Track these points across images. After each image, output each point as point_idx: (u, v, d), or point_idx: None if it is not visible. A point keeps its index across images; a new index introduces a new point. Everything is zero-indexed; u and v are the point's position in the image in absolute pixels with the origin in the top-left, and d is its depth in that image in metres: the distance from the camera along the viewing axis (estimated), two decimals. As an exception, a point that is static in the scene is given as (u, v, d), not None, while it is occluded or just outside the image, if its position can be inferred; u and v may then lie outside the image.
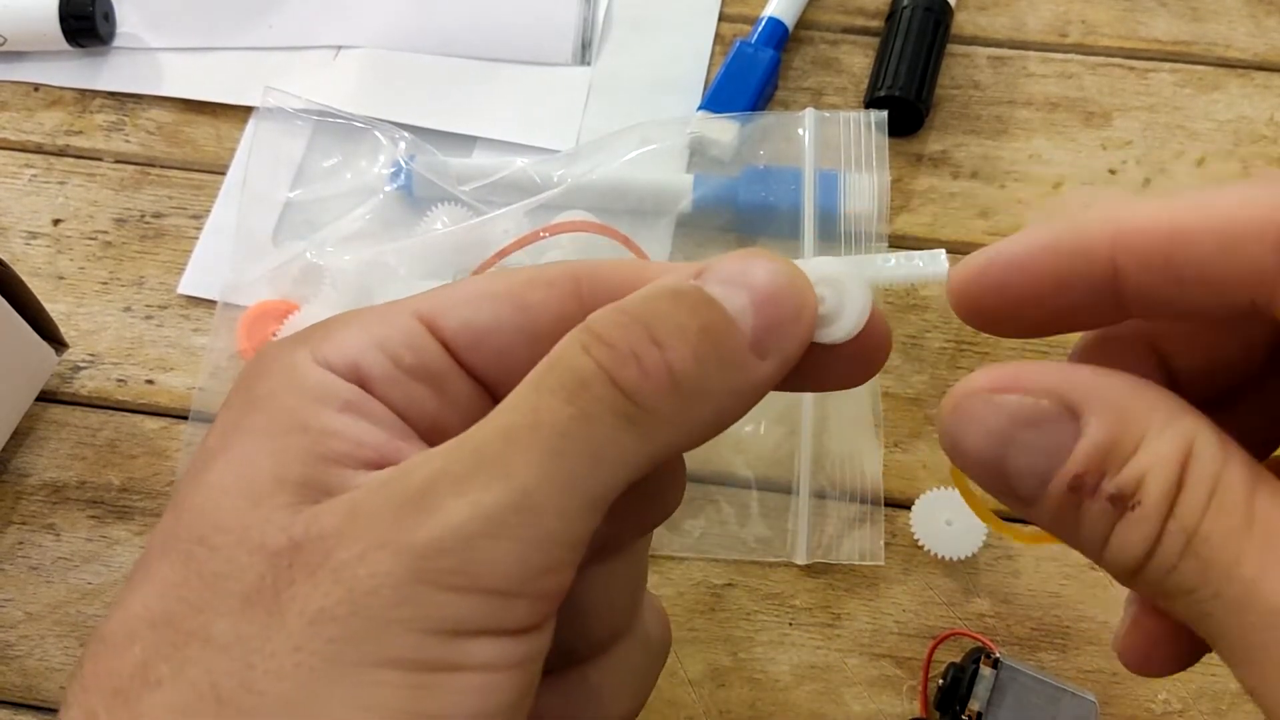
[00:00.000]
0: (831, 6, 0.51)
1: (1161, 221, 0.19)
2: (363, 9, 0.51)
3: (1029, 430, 0.19)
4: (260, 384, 0.22)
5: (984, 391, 0.20)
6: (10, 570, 0.39)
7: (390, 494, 0.19)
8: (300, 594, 0.19)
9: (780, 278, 0.22)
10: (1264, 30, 0.49)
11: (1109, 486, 0.18)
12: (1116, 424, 0.19)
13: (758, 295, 0.21)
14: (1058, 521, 0.20)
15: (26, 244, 0.46)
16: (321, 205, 0.46)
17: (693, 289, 0.21)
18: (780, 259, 0.22)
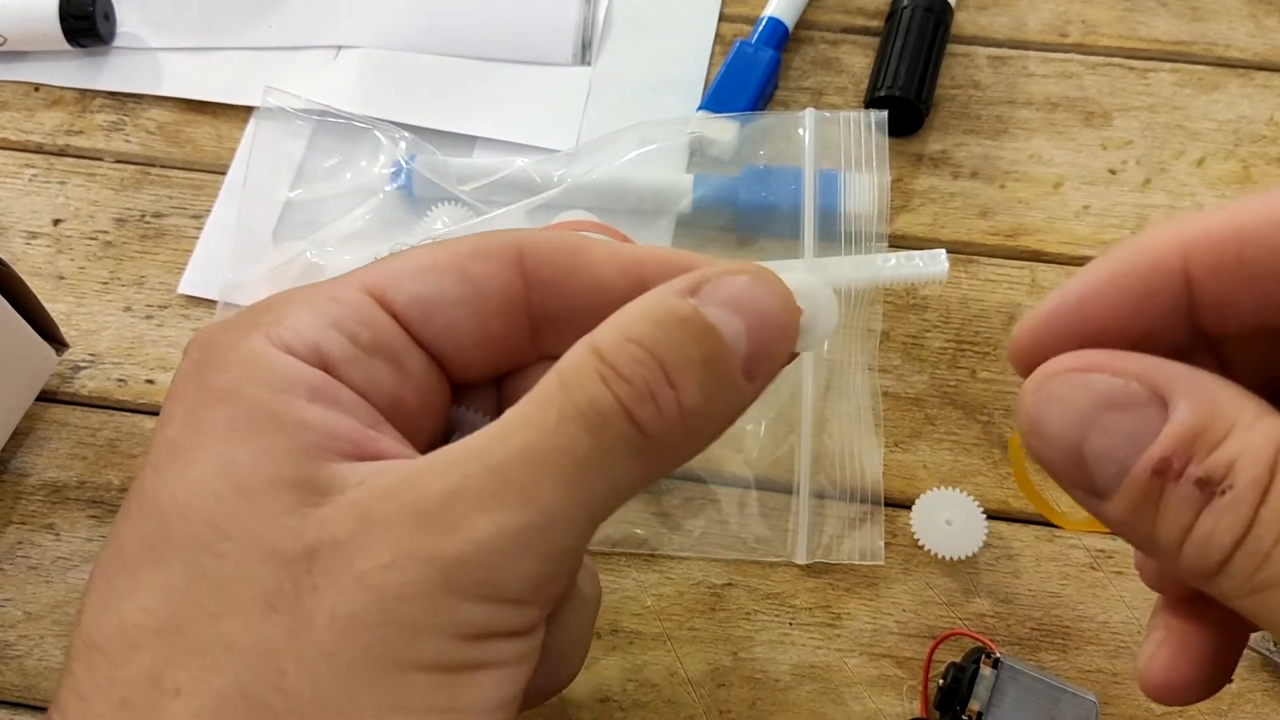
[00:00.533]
0: (831, 6, 0.51)
1: (1228, 223, 0.19)
2: (363, 9, 0.51)
3: (1115, 412, 0.19)
4: (217, 374, 0.22)
5: (1070, 371, 0.19)
6: (10, 570, 0.39)
7: (406, 504, 0.20)
8: (326, 599, 0.19)
9: (774, 302, 0.22)
10: (1264, 30, 0.49)
11: (1197, 470, 0.18)
12: (1206, 411, 0.18)
13: (751, 320, 0.22)
14: (1135, 512, 0.19)
15: (26, 244, 0.46)
16: (321, 205, 0.46)
17: (695, 316, 0.21)
18: (769, 276, 0.22)
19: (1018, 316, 0.43)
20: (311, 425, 0.21)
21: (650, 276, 0.24)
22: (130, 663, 0.19)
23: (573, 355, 0.21)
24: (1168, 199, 0.45)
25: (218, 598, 0.19)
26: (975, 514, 0.38)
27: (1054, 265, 0.44)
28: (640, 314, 0.21)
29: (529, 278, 0.24)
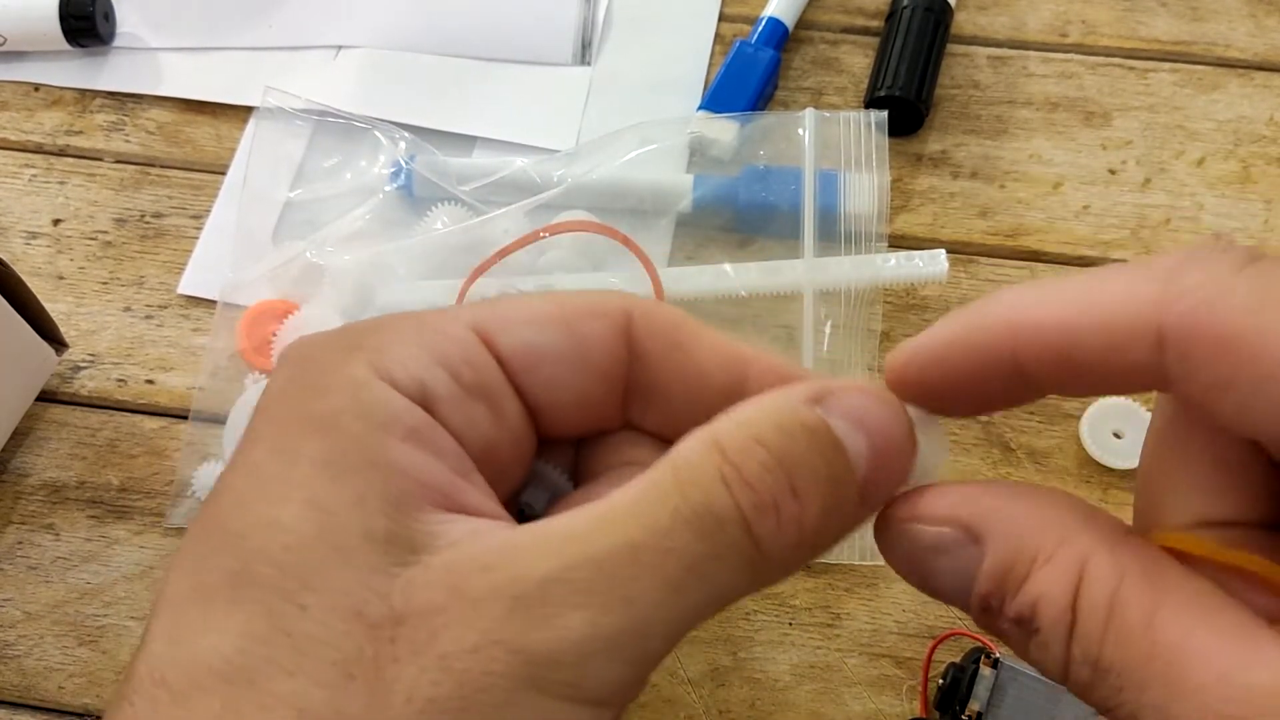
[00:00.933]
0: (831, 6, 0.51)
1: (1053, 317, 0.20)
2: (363, 9, 0.51)
3: (939, 556, 0.20)
4: (315, 399, 0.21)
5: (898, 522, 0.21)
6: (9, 570, 0.39)
7: (500, 584, 0.19)
8: (405, 675, 0.18)
9: (897, 428, 0.21)
10: (1264, 30, 0.49)
11: (1010, 611, 0.19)
12: (1011, 549, 0.19)
13: (875, 444, 0.21)
14: (990, 628, 0.20)
15: (26, 244, 0.46)
16: (321, 205, 0.46)
17: (824, 428, 0.20)
18: (891, 397, 0.22)
19: (1018, 316, 0.43)
20: (407, 471, 0.20)
21: (752, 380, 0.23)
22: (196, 707, 0.18)
23: (691, 448, 0.20)
24: (1167, 199, 0.45)
25: (295, 655, 0.18)
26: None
27: (1054, 265, 0.44)
28: (766, 416, 0.20)
29: (634, 346, 0.23)
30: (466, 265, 0.41)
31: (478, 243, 0.42)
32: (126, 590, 0.39)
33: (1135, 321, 0.19)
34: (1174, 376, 0.18)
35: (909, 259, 0.40)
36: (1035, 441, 0.40)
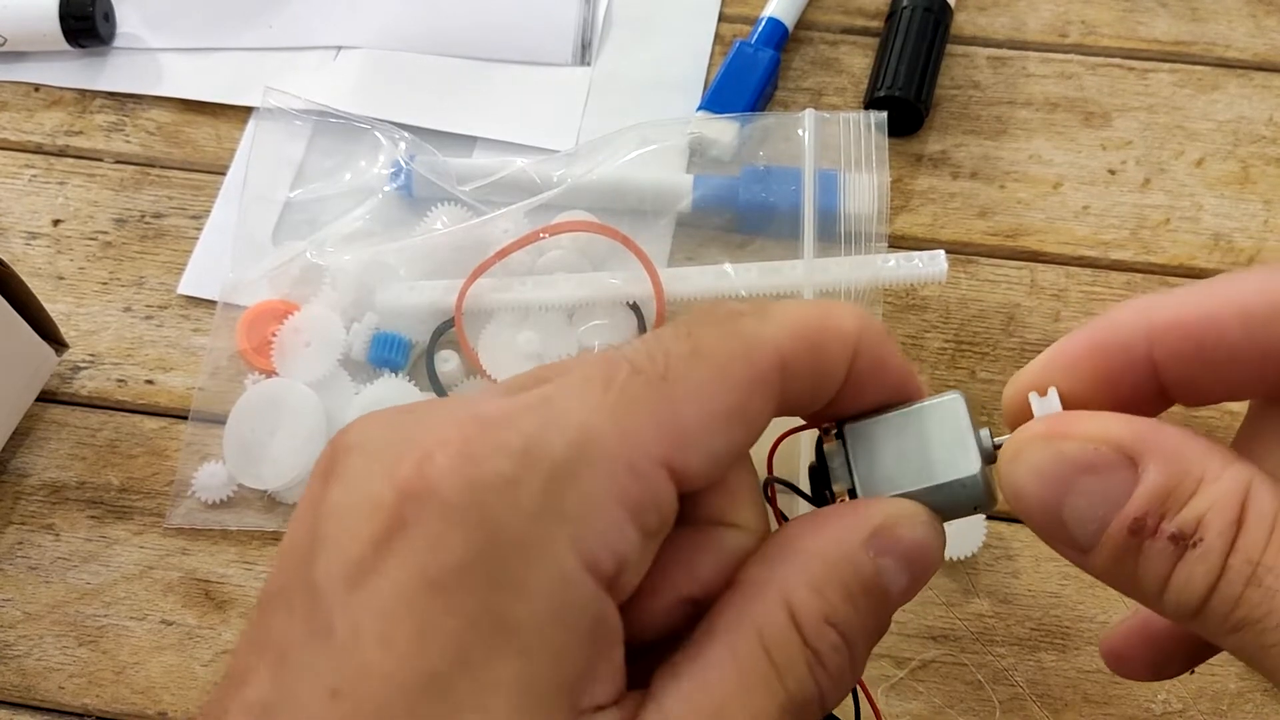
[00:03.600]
0: (831, 6, 0.51)
1: (1190, 311, 0.20)
2: (363, 9, 0.51)
3: (1088, 476, 0.20)
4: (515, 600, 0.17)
5: (1042, 438, 0.21)
6: (9, 570, 0.39)
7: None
8: None
9: (939, 556, 0.22)
10: (1264, 30, 0.49)
11: (1170, 527, 0.19)
12: (1175, 469, 0.19)
13: (916, 575, 0.21)
14: (1115, 566, 0.20)
15: (26, 244, 0.46)
16: (321, 205, 0.46)
17: (877, 583, 0.21)
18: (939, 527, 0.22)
19: (1017, 317, 0.43)
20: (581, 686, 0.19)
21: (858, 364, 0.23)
22: None
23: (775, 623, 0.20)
24: (1167, 199, 0.45)
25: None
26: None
27: (1053, 265, 0.44)
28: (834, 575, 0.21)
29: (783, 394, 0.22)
30: (466, 265, 0.41)
31: (478, 243, 0.42)
32: (126, 590, 0.39)
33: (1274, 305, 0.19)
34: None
35: (908, 259, 0.40)
36: (1035, 442, 0.40)
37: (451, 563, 0.17)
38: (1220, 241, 0.44)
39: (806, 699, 0.20)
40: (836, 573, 0.21)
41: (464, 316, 0.41)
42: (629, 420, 0.19)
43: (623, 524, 0.19)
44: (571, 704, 0.18)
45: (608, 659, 0.19)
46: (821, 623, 0.20)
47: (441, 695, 0.17)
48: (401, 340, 0.41)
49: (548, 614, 0.18)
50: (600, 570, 0.18)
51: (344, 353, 0.41)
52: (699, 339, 0.21)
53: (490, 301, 0.41)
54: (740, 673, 0.20)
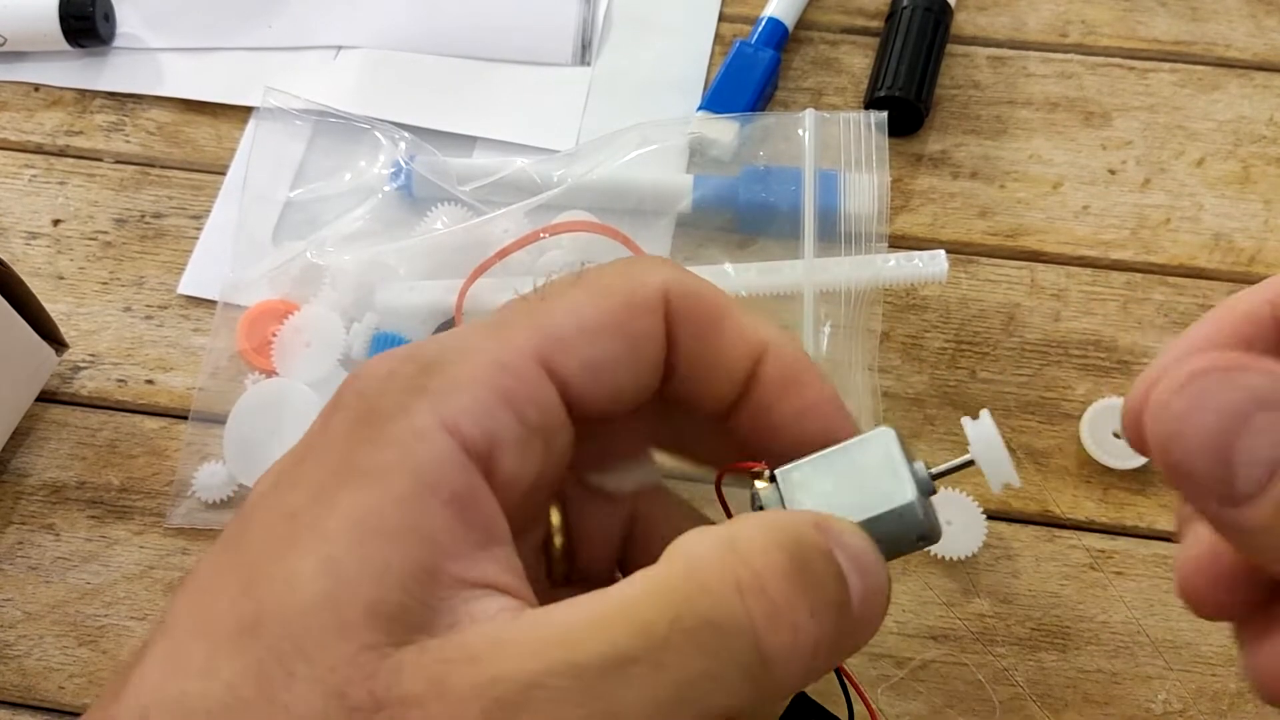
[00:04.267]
0: (831, 6, 0.51)
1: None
2: (363, 9, 0.51)
3: (1268, 413, 0.18)
4: (372, 450, 0.19)
5: (1221, 371, 0.18)
6: (9, 570, 0.39)
7: (481, 683, 0.18)
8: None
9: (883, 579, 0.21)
10: (1264, 30, 0.49)
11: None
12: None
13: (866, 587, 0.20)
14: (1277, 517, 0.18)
15: (26, 244, 0.46)
16: (321, 205, 0.46)
17: (831, 553, 0.20)
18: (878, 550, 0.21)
19: (1017, 317, 0.43)
20: (438, 541, 0.19)
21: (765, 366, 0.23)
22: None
23: (703, 545, 0.19)
24: (1167, 199, 0.45)
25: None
26: (975, 514, 0.38)
27: (1053, 265, 0.44)
28: (787, 530, 0.19)
29: (670, 325, 0.22)
30: (466, 265, 0.41)
31: (478, 243, 0.42)
32: (126, 590, 0.39)
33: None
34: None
35: (909, 259, 0.40)
36: (1035, 441, 0.40)
37: (332, 430, 0.20)
38: (1220, 241, 0.44)
39: (726, 625, 0.18)
40: (787, 528, 0.20)
41: (464, 316, 0.41)
42: (501, 329, 0.22)
43: (490, 404, 0.20)
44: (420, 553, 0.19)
45: (489, 547, 0.20)
46: (771, 547, 0.19)
47: (292, 523, 0.19)
48: (401, 340, 0.41)
49: (395, 459, 0.19)
50: (463, 435, 0.20)
51: (344, 353, 0.41)
52: (587, 272, 0.22)
53: (490, 301, 0.41)
54: (643, 583, 0.19)
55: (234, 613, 0.19)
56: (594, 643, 0.18)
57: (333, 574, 0.18)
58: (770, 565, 0.18)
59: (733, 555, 0.19)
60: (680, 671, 0.18)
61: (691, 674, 0.18)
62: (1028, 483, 0.40)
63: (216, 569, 0.20)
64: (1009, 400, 0.41)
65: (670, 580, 0.18)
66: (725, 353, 0.23)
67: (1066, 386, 0.41)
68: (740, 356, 0.23)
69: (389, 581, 0.18)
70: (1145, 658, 0.37)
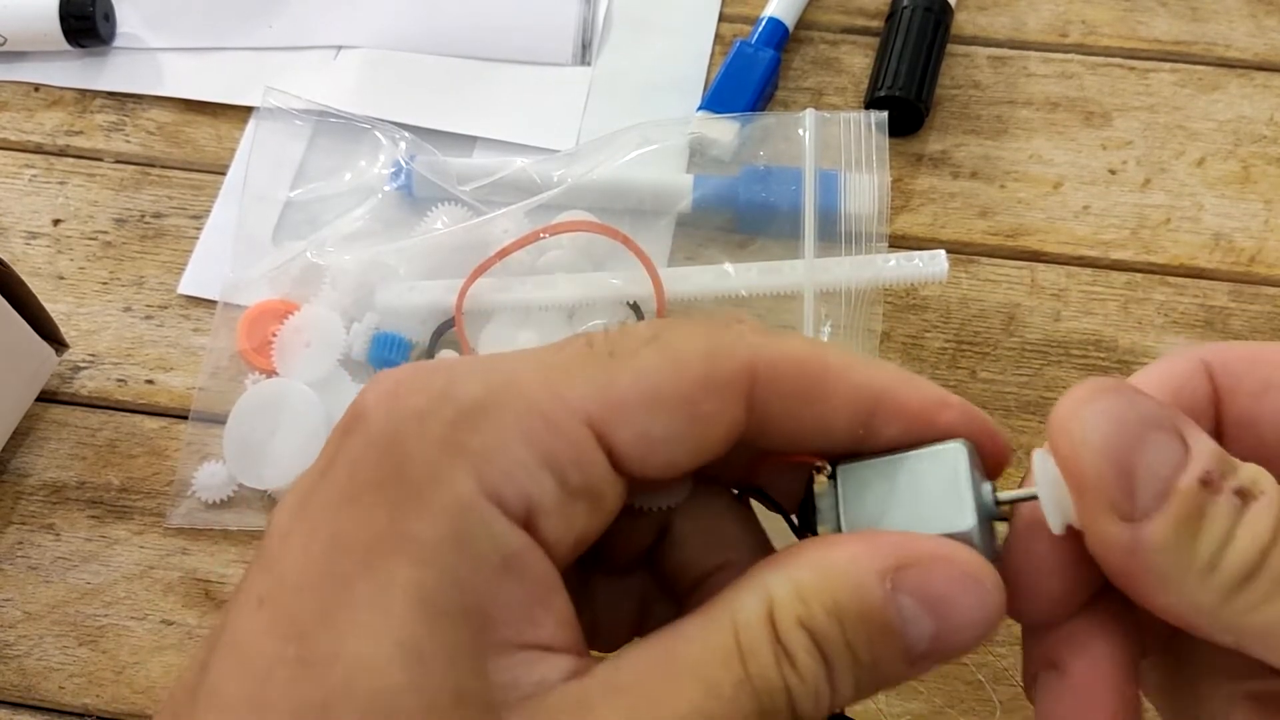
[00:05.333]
0: (831, 6, 0.51)
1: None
2: (363, 9, 0.51)
3: (1159, 433, 0.19)
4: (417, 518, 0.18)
5: (1117, 391, 0.20)
6: (9, 570, 0.39)
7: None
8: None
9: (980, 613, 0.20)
10: (1264, 30, 0.49)
11: (1234, 482, 0.19)
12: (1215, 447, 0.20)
13: (945, 627, 0.20)
14: (1178, 530, 0.19)
15: (27, 244, 0.46)
16: (321, 205, 0.46)
17: (882, 613, 0.19)
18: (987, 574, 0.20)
19: (1017, 317, 0.43)
20: (498, 616, 0.19)
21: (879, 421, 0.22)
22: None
23: (747, 610, 0.19)
24: (1167, 199, 0.45)
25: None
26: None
27: (1054, 265, 0.44)
28: (824, 587, 0.19)
29: (756, 405, 0.21)
30: (466, 265, 0.41)
31: (478, 243, 0.42)
32: (126, 590, 0.39)
33: None
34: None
35: (909, 259, 0.40)
36: (1035, 441, 0.40)
37: (365, 480, 0.19)
38: (1221, 241, 0.44)
39: (771, 692, 0.19)
40: (828, 584, 0.20)
41: (464, 316, 0.41)
42: (558, 377, 0.20)
43: (531, 466, 0.19)
44: (482, 629, 0.18)
45: (543, 603, 0.19)
46: (795, 624, 0.19)
47: (346, 593, 0.18)
48: (401, 340, 0.41)
49: (447, 532, 0.18)
50: (506, 505, 0.19)
51: (344, 353, 0.41)
52: (664, 330, 0.21)
53: (490, 301, 0.41)
54: (705, 645, 0.19)
55: (294, 697, 0.18)
56: (673, 701, 0.19)
57: (410, 660, 0.18)
58: (795, 640, 0.19)
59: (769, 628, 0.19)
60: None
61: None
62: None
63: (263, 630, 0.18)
64: (1009, 400, 0.41)
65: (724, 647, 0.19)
66: (833, 418, 0.22)
67: (1067, 386, 0.41)
68: (850, 417, 0.22)
69: (463, 667, 0.18)
70: (1145, 658, 0.37)
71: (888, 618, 0.19)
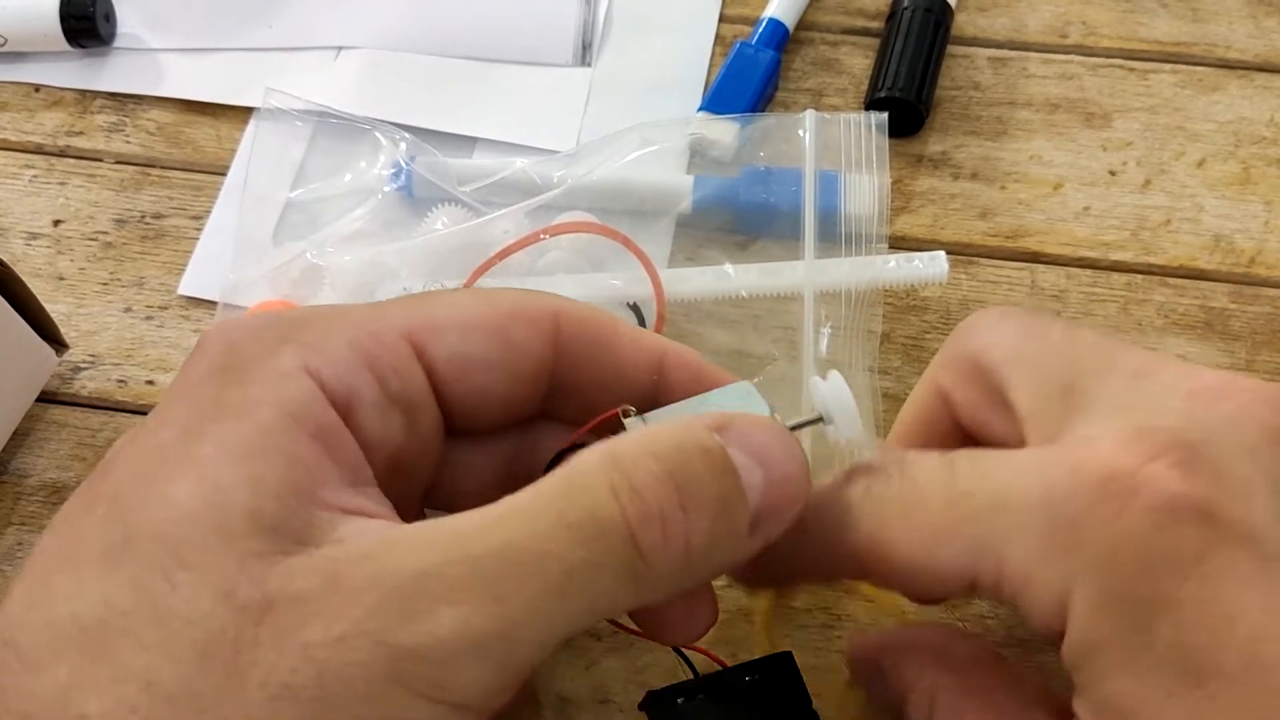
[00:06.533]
0: (831, 7, 0.51)
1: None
2: (363, 9, 0.51)
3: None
4: (236, 388, 0.20)
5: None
6: (9, 571, 0.39)
7: (375, 575, 0.18)
8: (264, 660, 0.18)
9: (794, 465, 0.22)
10: (1264, 31, 0.49)
11: None
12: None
13: (772, 475, 0.21)
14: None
15: (27, 244, 0.46)
16: (321, 205, 0.46)
17: (720, 451, 0.21)
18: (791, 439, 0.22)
19: (1018, 318, 0.43)
20: (309, 465, 0.20)
21: (667, 371, 0.24)
22: (44, 673, 0.18)
23: (586, 457, 0.20)
24: (1168, 200, 0.45)
25: (155, 630, 0.18)
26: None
27: (1054, 266, 0.44)
28: (665, 435, 0.20)
29: (560, 348, 0.24)
30: (467, 266, 0.41)
31: (478, 244, 0.42)
32: (127, 591, 0.39)
33: None
34: None
35: (909, 260, 0.40)
36: (1035, 443, 0.40)
37: (197, 377, 0.21)
38: (1221, 242, 0.44)
39: (603, 521, 0.19)
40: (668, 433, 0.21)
41: (464, 317, 0.41)
42: (382, 308, 0.23)
43: (353, 363, 0.21)
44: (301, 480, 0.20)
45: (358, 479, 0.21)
46: (642, 454, 0.20)
47: (159, 458, 0.20)
48: (402, 341, 0.41)
49: (263, 394, 0.20)
50: (326, 386, 0.21)
51: (344, 353, 0.41)
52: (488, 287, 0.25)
53: (490, 302, 0.41)
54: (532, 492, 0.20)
55: (100, 540, 0.19)
56: (486, 536, 0.19)
57: (208, 490, 0.19)
58: (641, 466, 0.20)
59: (609, 461, 0.20)
60: (564, 560, 0.19)
61: (574, 563, 0.19)
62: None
63: (80, 507, 0.20)
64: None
65: (555, 487, 0.20)
66: (625, 363, 0.24)
67: (1067, 388, 0.41)
68: (640, 365, 0.24)
69: (265, 493, 0.19)
70: (1145, 659, 0.37)
71: (725, 456, 0.21)
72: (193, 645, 0.18)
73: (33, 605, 0.19)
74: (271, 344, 0.21)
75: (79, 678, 0.18)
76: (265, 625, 0.18)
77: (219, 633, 0.18)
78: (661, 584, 0.20)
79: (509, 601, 0.18)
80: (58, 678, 0.18)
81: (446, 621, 0.18)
